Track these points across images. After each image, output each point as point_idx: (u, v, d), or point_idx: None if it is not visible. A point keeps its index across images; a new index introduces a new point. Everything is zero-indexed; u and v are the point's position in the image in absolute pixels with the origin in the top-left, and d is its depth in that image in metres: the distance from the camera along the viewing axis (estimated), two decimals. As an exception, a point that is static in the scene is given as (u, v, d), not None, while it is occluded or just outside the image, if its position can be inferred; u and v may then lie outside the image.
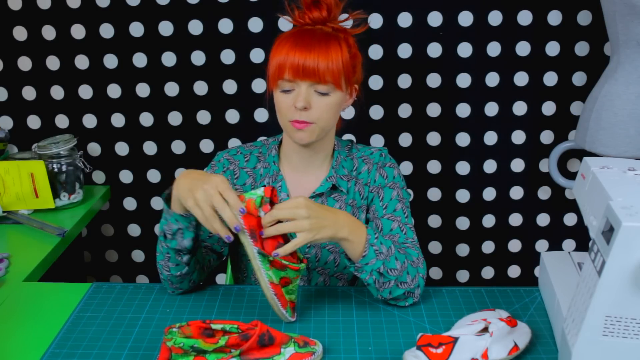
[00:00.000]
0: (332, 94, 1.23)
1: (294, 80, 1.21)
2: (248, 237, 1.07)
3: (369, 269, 1.15)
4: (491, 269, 2.17)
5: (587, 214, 1.03)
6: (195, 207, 1.06)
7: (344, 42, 1.23)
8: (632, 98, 1.66)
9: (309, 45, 1.19)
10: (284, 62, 1.20)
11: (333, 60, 1.20)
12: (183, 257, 1.17)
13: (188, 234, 1.15)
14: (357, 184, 1.35)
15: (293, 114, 1.23)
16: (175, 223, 1.14)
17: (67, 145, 1.77)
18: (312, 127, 1.24)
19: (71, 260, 1.86)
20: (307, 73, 1.19)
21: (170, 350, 0.98)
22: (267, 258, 1.08)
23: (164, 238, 1.17)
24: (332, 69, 1.20)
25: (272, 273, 1.09)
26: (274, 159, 1.35)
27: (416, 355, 0.97)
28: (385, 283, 1.16)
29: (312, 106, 1.22)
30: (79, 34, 1.93)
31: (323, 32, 1.23)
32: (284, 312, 1.12)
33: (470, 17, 1.90)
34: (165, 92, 1.98)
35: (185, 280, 1.22)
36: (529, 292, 1.26)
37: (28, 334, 1.13)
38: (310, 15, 1.25)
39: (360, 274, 1.16)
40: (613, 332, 0.90)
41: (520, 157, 2.04)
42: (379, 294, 1.18)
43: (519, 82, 1.97)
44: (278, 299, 1.11)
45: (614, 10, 1.63)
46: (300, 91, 1.21)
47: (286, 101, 1.23)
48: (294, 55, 1.19)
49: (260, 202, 1.08)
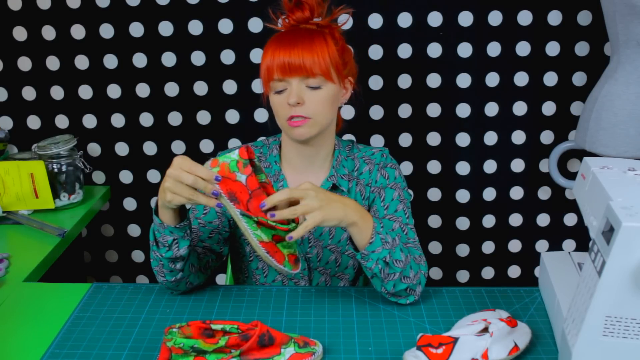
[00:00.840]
0: (324, 87, 1.23)
1: (283, 79, 1.22)
2: (228, 200, 1.07)
3: (375, 257, 1.15)
4: (491, 269, 2.17)
5: (587, 214, 1.03)
6: (174, 197, 1.06)
7: (329, 36, 1.25)
8: (632, 98, 1.66)
9: (292, 41, 1.21)
10: (271, 64, 1.22)
11: (318, 53, 1.21)
12: (177, 264, 1.17)
13: (183, 242, 1.15)
14: (359, 184, 1.35)
15: (288, 111, 1.23)
16: (170, 235, 1.14)
17: (67, 146, 1.77)
18: (309, 122, 1.24)
19: (71, 261, 1.86)
20: (294, 68, 1.20)
21: (170, 350, 0.98)
22: (252, 219, 1.07)
23: (157, 247, 1.17)
24: (318, 62, 1.21)
25: (260, 232, 1.08)
26: (276, 159, 1.35)
27: (416, 356, 0.97)
28: (390, 275, 1.16)
29: (305, 101, 1.22)
30: (79, 34, 1.93)
31: (306, 29, 1.25)
32: (283, 268, 1.10)
33: (470, 17, 1.90)
34: (165, 92, 1.98)
35: (182, 283, 1.22)
36: (529, 292, 1.26)
37: (28, 334, 1.13)
38: (293, 16, 1.27)
39: (367, 262, 1.15)
40: (613, 333, 0.90)
41: (520, 157, 2.04)
42: (383, 287, 1.18)
43: (519, 82, 1.97)
44: (272, 257, 1.09)
45: (614, 11, 1.63)
46: (291, 88, 1.22)
47: (280, 101, 1.24)
48: (279, 55, 1.20)
49: (236, 166, 1.07)
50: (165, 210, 1.12)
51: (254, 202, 1.08)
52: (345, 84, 1.30)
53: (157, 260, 1.18)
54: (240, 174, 1.08)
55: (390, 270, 1.16)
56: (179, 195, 1.06)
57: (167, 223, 1.13)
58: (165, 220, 1.13)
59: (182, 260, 1.17)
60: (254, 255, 1.37)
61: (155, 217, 1.14)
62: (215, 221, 1.31)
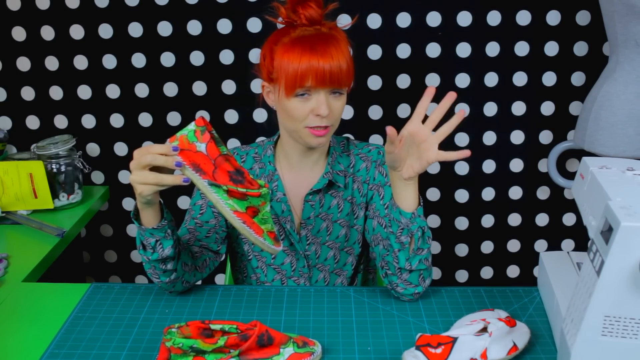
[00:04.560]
0: (344, 94, 1.24)
1: (315, 88, 1.19)
2: (193, 171, 1.06)
3: (419, 222, 1.15)
4: (490, 269, 2.17)
5: (586, 213, 1.03)
6: (143, 188, 1.05)
7: (343, 41, 1.23)
8: (630, 98, 1.66)
9: (326, 50, 1.17)
10: (305, 70, 1.17)
11: (347, 63, 1.20)
12: (167, 264, 1.17)
13: (167, 242, 1.15)
14: (355, 181, 1.36)
15: (311, 121, 1.21)
16: (152, 236, 1.14)
17: (66, 146, 1.77)
18: (330, 130, 1.24)
19: (70, 261, 1.86)
20: (333, 80, 1.18)
21: (169, 350, 0.98)
22: (221, 188, 1.06)
23: (143, 251, 1.16)
24: (349, 72, 1.20)
25: (233, 202, 1.07)
26: (270, 159, 1.35)
27: (415, 356, 0.97)
28: (421, 250, 1.16)
29: (331, 110, 1.22)
30: (78, 34, 1.93)
31: (328, 34, 1.21)
32: (263, 241, 1.09)
33: (469, 17, 1.90)
34: (164, 92, 1.98)
35: (177, 283, 1.22)
36: (528, 292, 1.26)
37: (27, 334, 1.13)
38: (306, 13, 1.22)
39: (412, 225, 1.14)
40: (612, 332, 0.90)
41: (519, 157, 2.05)
42: (408, 261, 1.16)
43: (517, 82, 1.97)
44: (249, 227, 1.08)
45: (613, 11, 1.63)
46: (320, 98, 1.19)
47: (302, 107, 1.21)
48: (317, 62, 1.16)
49: (195, 135, 1.06)
50: (144, 211, 1.11)
51: (219, 172, 1.06)
52: None
53: (148, 263, 1.18)
54: (199, 143, 1.06)
55: (423, 244, 1.16)
56: (146, 183, 1.05)
57: (148, 225, 1.13)
58: (146, 222, 1.13)
59: (172, 260, 1.17)
60: (253, 254, 1.37)
61: (135, 221, 1.14)
62: (211, 220, 1.31)
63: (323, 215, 1.34)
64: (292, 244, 1.35)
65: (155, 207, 1.12)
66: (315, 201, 1.33)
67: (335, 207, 1.34)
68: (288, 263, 1.36)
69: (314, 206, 1.33)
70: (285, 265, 1.36)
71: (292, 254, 1.36)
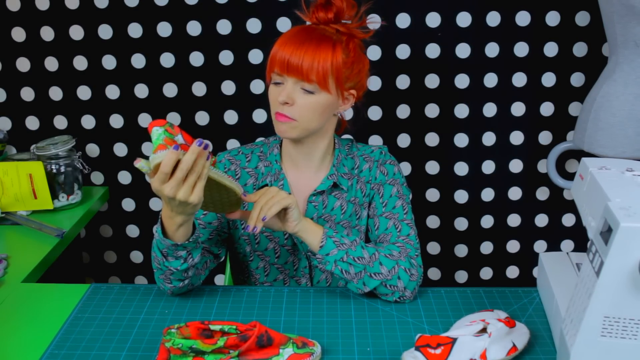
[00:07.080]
0: (317, 94, 1.22)
1: (282, 75, 1.22)
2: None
3: (331, 259, 1.18)
4: (489, 270, 2.17)
5: (586, 214, 1.03)
6: (181, 193, 1.02)
7: (340, 45, 1.22)
8: (630, 99, 1.66)
9: (299, 42, 1.20)
10: (274, 56, 1.22)
11: (320, 60, 1.19)
12: (189, 271, 1.17)
13: (196, 252, 1.16)
14: (359, 182, 1.36)
15: (277, 107, 1.24)
16: (183, 249, 1.13)
17: (65, 146, 1.77)
18: (293, 123, 1.23)
19: (70, 261, 1.86)
20: (291, 69, 1.20)
21: (168, 351, 0.98)
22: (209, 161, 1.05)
23: (168, 262, 1.15)
24: (316, 69, 1.19)
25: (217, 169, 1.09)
26: (276, 158, 1.35)
27: (415, 356, 0.97)
28: (357, 274, 1.19)
29: (295, 103, 1.22)
30: (78, 34, 1.93)
31: (323, 32, 1.23)
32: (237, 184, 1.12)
33: (469, 17, 1.90)
34: (163, 93, 1.98)
35: (185, 287, 1.22)
36: (527, 292, 1.26)
37: (27, 334, 1.13)
38: (317, 14, 1.26)
39: (326, 266, 1.19)
40: (611, 333, 0.90)
41: (518, 157, 2.05)
42: (355, 287, 1.21)
43: (517, 83, 1.97)
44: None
45: (612, 11, 1.63)
46: (286, 86, 1.22)
47: (274, 93, 1.24)
48: (283, 50, 1.20)
49: (169, 133, 1.03)
50: (182, 227, 1.10)
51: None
52: (346, 95, 1.27)
53: (163, 272, 1.17)
54: (176, 137, 1.04)
55: (355, 268, 1.18)
56: (181, 188, 1.01)
57: (179, 240, 1.12)
58: (177, 238, 1.11)
59: (193, 267, 1.18)
60: (254, 255, 1.37)
61: (167, 240, 1.11)
62: (214, 222, 1.31)
63: (326, 216, 1.34)
64: (294, 244, 1.35)
65: (190, 221, 1.12)
66: (319, 202, 1.33)
67: (338, 209, 1.34)
68: (290, 263, 1.36)
69: (317, 207, 1.33)
70: (288, 265, 1.37)
71: (295, 254, 1.36)
